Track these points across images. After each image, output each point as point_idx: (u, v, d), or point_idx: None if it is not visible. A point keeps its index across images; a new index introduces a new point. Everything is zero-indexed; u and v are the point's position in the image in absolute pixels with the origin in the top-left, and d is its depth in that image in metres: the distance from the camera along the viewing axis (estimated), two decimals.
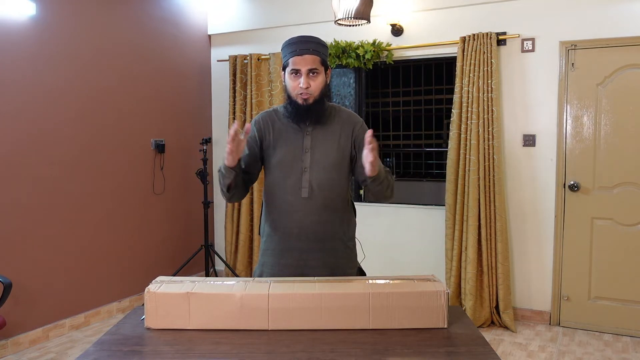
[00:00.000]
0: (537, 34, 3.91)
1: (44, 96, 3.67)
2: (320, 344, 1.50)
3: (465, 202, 4.01)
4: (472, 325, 1.66)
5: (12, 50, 3.45)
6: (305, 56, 1.88)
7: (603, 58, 3.74)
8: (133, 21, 4.36)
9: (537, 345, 3.64)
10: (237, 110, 4.88)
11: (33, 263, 3.62)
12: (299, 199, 1.94)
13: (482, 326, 3.97)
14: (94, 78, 4.03)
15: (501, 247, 3.92)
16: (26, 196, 3.57)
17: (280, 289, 1.61)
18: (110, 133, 4.18)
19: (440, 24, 4.21)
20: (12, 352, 3.47)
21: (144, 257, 4.50)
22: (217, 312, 1.59)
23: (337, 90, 5.82)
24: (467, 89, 3.98)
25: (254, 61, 4.79)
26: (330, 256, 1.99)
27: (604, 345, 3.63)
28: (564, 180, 3.91)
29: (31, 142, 3.59)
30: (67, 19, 3.81)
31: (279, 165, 1.98)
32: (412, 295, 1.60)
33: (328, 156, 1.96)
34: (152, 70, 4.57)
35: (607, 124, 3.77)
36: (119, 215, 4.27)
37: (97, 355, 1.45)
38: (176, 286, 1.63)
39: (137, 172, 4.45)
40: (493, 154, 3.91)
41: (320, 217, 1.95)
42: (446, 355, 1.45)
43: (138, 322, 1.67)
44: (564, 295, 3.96)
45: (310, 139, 1.97)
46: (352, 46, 4.40)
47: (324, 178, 1.95)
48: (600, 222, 3.83)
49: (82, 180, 3.96)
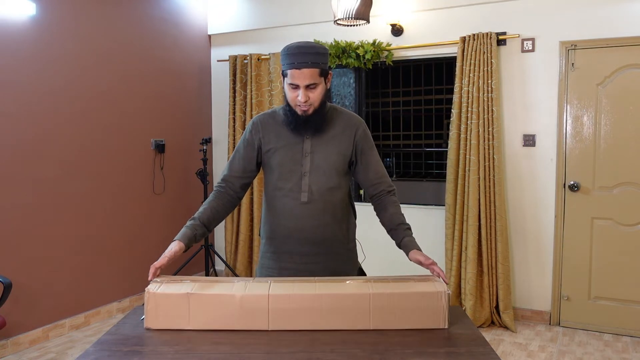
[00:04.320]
0: (537, 34, 3.91)
1: (43, 96, 3.67)
2: (320, 344, 1.50)
3: (465, 202, 4.01)
4: (472, 326, 1.66)
5: (12, 50, 3.45)
6: (303, 70, 1.82)
7: (603, 58, 3.74)
8: (133, 21, 4.36)
9: (537, 345, 3.64)
10: (237, 110, 4.88)
11: (33, 263, 3.62)
12: (299, 203, 1.93)
13: (482, 326, 3.97)
14: (94, 78, 4.03)
15: (501, 247, 3.92)
16: (26, 196, 3.57)
17: (280, 290, 1.61)
18: (110, 133, 4.18)
19: (440, 24, 4.21)
20: (12, 352, 3.47)
21: (144, 257, 4.50)
22: (217, 312, 1.59)
23: (337, 90, 5.82)
24: (467, 89, 3.98)
25: (254, 61, 4.79)
26: (331, 260, 1.99)
27: (604, 345, 3.63)
28: (564, 180, 3.91)
29: (31, 142, 3.59)
30: (67, 19, 3.81)
31: (279, 169, 1.96)
32: (413, 295, 1.60)
33: (328, 160, 1.94)
34: (152, 70, 4.57)
35: (607, 124, 3.77)
36: (119, 215, 4.27)
37: (97, 355, 1.45)
38: (176, 286, 1.63)
39: (137, 172, 4.45)
40: (493, 154, 3.91)
41: (321, 221, 1.94)
42: (446, 355, 1.45)
43: (138, 322, 1.67)
44: (564, 295, 3.96)
45: (310, 143, 1.95)
46: (352, 46, 4.40)
47: (323, 182, 1.94)
48: (600, 222, 3.83)
49: (82, 180, 3.96)
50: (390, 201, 1.99)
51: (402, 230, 1.93)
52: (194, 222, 1.89)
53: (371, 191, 2.03)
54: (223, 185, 2.00)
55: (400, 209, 1.99)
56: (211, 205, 1.95)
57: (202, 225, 1.89)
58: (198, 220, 1.89)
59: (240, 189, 2.01)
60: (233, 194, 2.00)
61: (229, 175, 2.00)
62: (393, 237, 1.96)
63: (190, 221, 1.90)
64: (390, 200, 2.00)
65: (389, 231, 1.97)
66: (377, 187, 2.01)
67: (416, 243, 1.89)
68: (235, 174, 2.00)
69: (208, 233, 1.93)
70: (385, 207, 1.99)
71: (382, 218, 1.99)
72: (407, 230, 1.93)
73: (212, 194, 2.00)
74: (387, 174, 2.06)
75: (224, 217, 2.00)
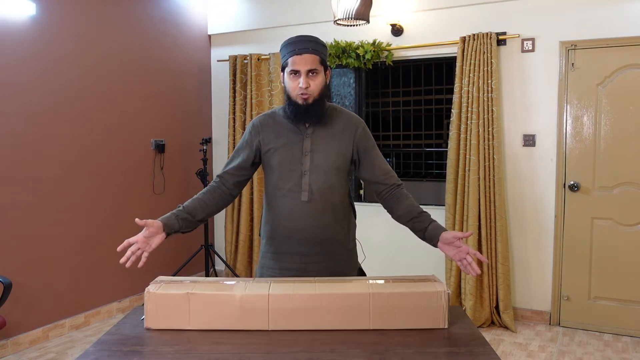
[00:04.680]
0: (537, 34, 3.91)
1: (43, 96, 3.67)
2: (320, 344, 1.50)
3: (465, 202, 4.01)
4: (472, 325, 1.66)
5: (12, 50, 3.45)
6: (304, 55, 1.86)
7: (603, 58, 3.74)
8: (133, 21, 4.36)
9: (537, 345, 3.64)
10: (237, 110, 4.88)
11: (33, 263, 3.62)
12: (299, 202, 1.92)
13: (482, 326, 3.97)
14: (93, 78, 4.03)
15: (501, 247, 3.92)
16: (26, 196, 3.57)
17: (280, 290, 1.61)
18: (110, 133, 4.18)
19: (440, 24, 4.21)
20: (12, 352, 3.47)
21: None
22: (217, 313, 1.59)
23: (337, 90, 5.82)
24: (467, 89, 3.98)
25: (254, 61, 4.79)
26: (331, 260, 1.98)
27: (604, 345, 3.63)
28: (564, 180, 3.91)
29: (30, 142, 3.59)
30: (67, 19, 3.81)
31: (279, 169, 1.96)
32: (413, 295, 1.60)
33: (328, 159, 1.94)
34: (152, 70, 4.57)
35: (607, 124, 3.77)
36: (119, 215, 4.27)
37: (97, 355, 1.45)
38: (176, 286, 1.63)
39: (137, 172, 4.45)
40: (493, 154, 3.91)
41: (321, 221, 1.94)
42: (446, 355, 1.45)
43: (138, 322, 1.67)
44: (564, 295, 3.96)
45: (310, 142, 1.95)
46: (352, 46, 4.40)
47: (324, 181, 1.93)
48: (600, 222, 3.83)
49: (82, 180, 3.96)
50: (402, 194, 1.99)
51: (427, 217, 1.92)
52: (177, 209, 1.89)
53: (380, 188, 2.02)
54: (217, 180, 2.02)
55: (414, 200, 1.99)
56: (199, 197, 1.96)
57: (184, 212, 1.88)
58: (182, 207, 1.90)
59: (233, 186, 2.01)
60: (226, 190, 2.00)
61: (224, 172, 2.03)
62: (415, 226, 1.93)
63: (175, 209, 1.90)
64: (402, 193, 1.99)
65: (409, 221, 1.95)
66: (386, 183, 2.01)
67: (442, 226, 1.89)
68: (230, 171, 2.02)
69: (194, 222, 1.91)
70: (399, 199, 1.98)
71: (398, 211, 1.98)
72: (430, 218, 1.92)
73: (205, 188, 2.01)
74: (393, 170, 2.06)
75: (213, 212, 1.99)
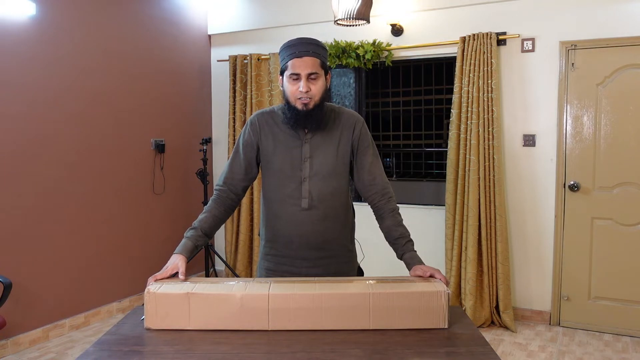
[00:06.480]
0: (537, 34, 3.91)
1: (43, 96, 3.66)
2: (320, 344, 1.50)
3: (465, 202, 4.01)
4: (472, 325, 1.65)
5: (12, 51, 3.45)
6: (304, 58, 1.79)
7: (603, 58, 3.74)
8: (133, 21, 4.36)
9: (537, 345, 3.64)
10: (237, 110, 4.88)
11: (33, 263, 3.62)
12: (299, 209, 1.89)
13: (482, 326, 3.97)
14: (94, 78, 4.03)
15: (501, 247, 3.92)
16: (26, 196, 3.57)
17: (280, 290, 1.61)
18: (110, 133, 4.18)
19: (440, 24, 4.21)
20: (12, 352, 3.47)
21: (144, 257, 4.50)
22: (217, 313, 1.59)
23: (337, 90, 5.83)
24: (467, 89, 3.98)
25: (253, 61, 4.79)
26: (332, 262, 1.97)
27: (604, 345, 3.63)
28: (564, 180, 3.91)
29: (31, 142, 3.59)
30: (67, 19, 3.81)
31: (278, 174, 1.91)
32: (413, 295, 1.60)
33: (327, 164, 1.90)
34: (152, 71, 4.57)
35: (607, 124, 3.77)
36: (119, 215, 4.27)
37: (97, 355, 1.45)
38: (176, 286, 1.63)
39: (137, 172, 4.45)
40: (493, 154, 3.91)
41: (321, 226, 1.91)
42: (446, 355, 1.45)
43: (138, 322, 1.67)
44: (564, 295, 3.96)
45: (309, 147, 1.90)
46: (352, 46, 4.40)
47: (323, 187, 1.89)
48: (600, 222, 3.83)
49: (82, 181, 3.96)
50: (386, 210, 1.91)
51: (401, 245, 1.85)
52: (195, 232, 1.84)
53: (364, 193, 1.96)
54: (225, 189, 1.95)
55: (397, 218, 1.90)
56: (213, 213, 1.90)
57: (203, 235, 1.85)
58: (200, 230, 1.85)
59: (242, 191, 1.97)
60: (234, 197, 1.95)
61: (231, 178, 1.95)
62: (394, 249, 1.90)
63: (190, 230, 1.85)
64: (386, 209, 1.91)
65: (389, 243, 1.92)
66: (370, 190, 1.94)
67: (416, 257, 1.81)
68: (238, 176, 1.95)
69: (208, 240, 1.90)
70: (381, 217, 1.92)
71: (381, 228, 1.94)
72: (406, 245, 1.85)
73: (213, 200, 1.94)
74: (384, 175, 1.97)
75: (224, 223, 1.97)
